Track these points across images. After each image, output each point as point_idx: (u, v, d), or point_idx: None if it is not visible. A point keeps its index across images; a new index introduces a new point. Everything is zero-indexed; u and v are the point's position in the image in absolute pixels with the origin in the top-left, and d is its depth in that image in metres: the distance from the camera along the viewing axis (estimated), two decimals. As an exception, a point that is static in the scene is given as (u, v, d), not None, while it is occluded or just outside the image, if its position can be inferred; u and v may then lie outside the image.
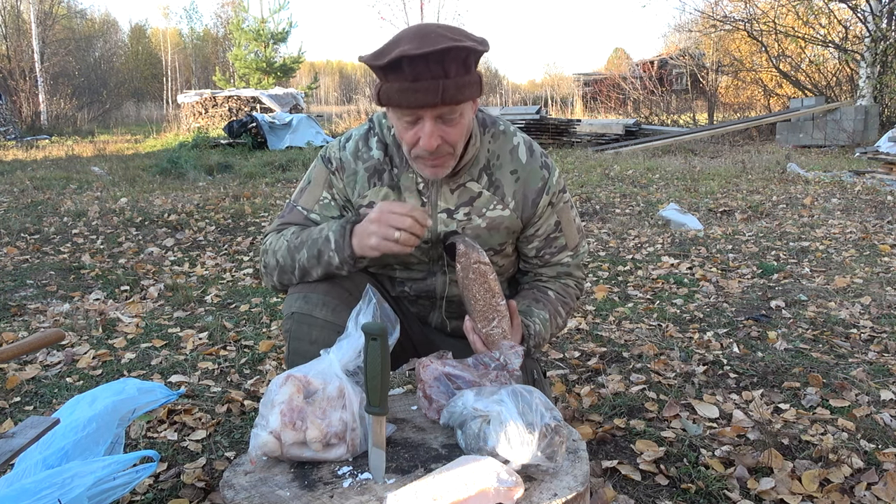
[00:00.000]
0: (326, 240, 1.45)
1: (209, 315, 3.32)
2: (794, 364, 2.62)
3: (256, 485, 1.13)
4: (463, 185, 1.53)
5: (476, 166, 1.53)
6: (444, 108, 1.33)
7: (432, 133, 1.35)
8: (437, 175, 1.45)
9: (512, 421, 1.11)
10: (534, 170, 1.55)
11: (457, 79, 1.31)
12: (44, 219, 5.67)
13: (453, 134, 1.38)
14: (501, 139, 1.56)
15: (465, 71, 1.33)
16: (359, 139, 1.57)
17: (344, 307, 1.46)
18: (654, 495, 1.78)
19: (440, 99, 1.30)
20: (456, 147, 1.42)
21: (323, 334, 1.47)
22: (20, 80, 20.82)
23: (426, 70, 1.29)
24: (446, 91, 1.30)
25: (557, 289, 1.65)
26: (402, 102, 1.33)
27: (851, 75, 14.50)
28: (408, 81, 1.30)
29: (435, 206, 1.53)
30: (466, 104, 1.38)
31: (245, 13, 23.53)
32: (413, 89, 1.30)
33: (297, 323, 1.49)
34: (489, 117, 1.59)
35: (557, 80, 29.85)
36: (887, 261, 4.17)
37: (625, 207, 6.23)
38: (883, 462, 1.91)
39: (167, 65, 33.90)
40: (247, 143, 12.58)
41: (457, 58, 1.30)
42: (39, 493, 1.34)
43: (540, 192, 1.55)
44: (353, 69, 52.97)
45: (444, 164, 1.44)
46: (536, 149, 1.59)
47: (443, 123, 1.36)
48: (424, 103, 1.31)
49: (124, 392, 1.67)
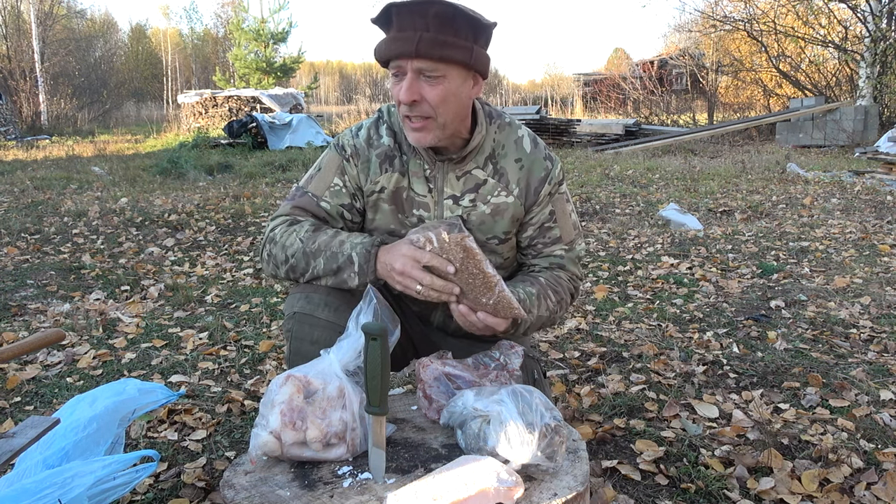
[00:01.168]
0: (349, 260, 1.44)
1: (209, 315, 3.32)
2: (793, 364, 2.62)
3: (256, 484, 1.13)
4: (469, 173, 1.55)
5: (482, 154, 1.55)
6: (423, 62, 1.36)
7: (410, 85, 1.38)
8: (420, 142, 1.46)
9: (512, 421, 1.11)
10: (538, 160, 1.58)
11: (437, 35, 1.34)
12: (44, 219, 5.67)
13: (432, 94, 1.39)
14: (507, 130, 1.59)
15: (451, 31, 1.36)
16: (370, 127, 1.60)
17: (346, 307, 1.45)
18: (654, 495, 1.78)
19: (415, 49, 1.34)
20: (437, 111, 1.41)
21: (325, 335, 1.46)
22: (20, 80, 20.83)
23: (409, 21, 1.35)
24: (421, 42, 1.34)
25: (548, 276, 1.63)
26: (384, 52, 1.39)
27: (851, 75, 14.50)
28: (394, 32, 1.37)
29: (441, 191, 1.55)
30: (452, 68, 1.39)
31: (245, 13, 23.53)
32: (394, 38, 1.37)
33: (298, 323, 1.49)
34: (495, 110, 1.61)
35: (557, 80, 29.87)
36: (887, 261, 4.17)
37: (625, 207, 6.24)
38: (882, 462, 1.91)
39: (167, 65, 33.92)
40: (247, 143, 12.58)
41: (441, 14, 1.34)
42: (39, 493, 1.34)
43: (542, 181, 1.57)
44: (353, 69, 53.00)
45: (427, 129, 1.44)
46: (540, 142, 1.62)
47: (424, 81, 1.39)
48: (401, 52, 1.36)
49: (125, 392, 1.67)
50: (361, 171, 1.58)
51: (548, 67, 64.06)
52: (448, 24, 1.35)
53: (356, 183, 1.58)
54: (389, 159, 1.56)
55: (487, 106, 1.60)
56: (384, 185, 1.56)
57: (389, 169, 1.56)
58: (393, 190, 1.57)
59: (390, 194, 1.57)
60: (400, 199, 1.57)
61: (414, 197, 1.56)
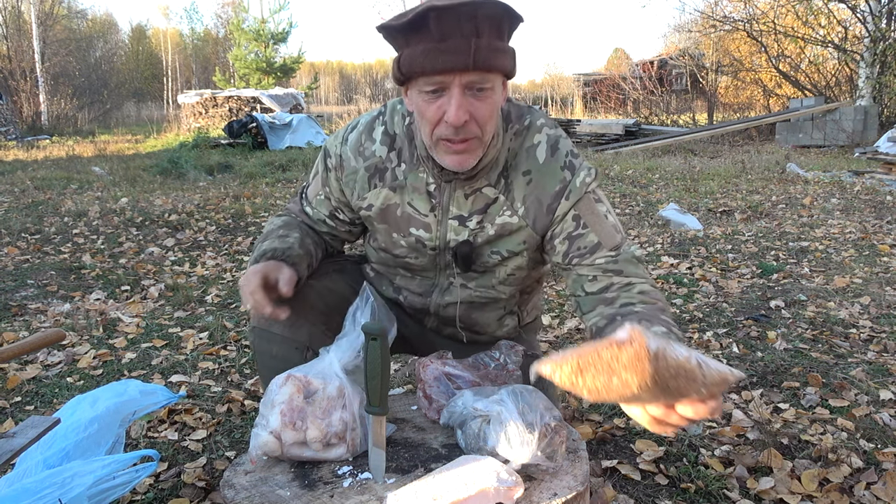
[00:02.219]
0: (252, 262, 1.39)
1: (209, 315, 3.32)
2: (793, 364, 2.62)
3: (257, 484, 1.13)
4: (479, 191, 1.35)
5: (495, 170, 1.35)
6: (474, 74, 1.16)
7: (460, 104, 1.16)
8: (463, 165, 1.26)
9: (512, 421, 1.11)
10: (551, 171, 1.34)
11: (490, 40, 1.15)
12: (44, 219, 5.67)
13: (483, 110, 1.20)
14: (523, 136, 1.37)
15: (497, 35, 1.17)
16: (363, 130, 1.42)
17: (302, 321, 1.38)
18: (654, 495, 1.78)
19: (471, 61, 1.13)
20: (485, 130, 1.23)
21: (282, 350, 1.40)
22: (21, 81, 20.82)
23: (456, 27, 1.12)
24: (478, 52, 1.13)
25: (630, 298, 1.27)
26: (427, 66, 1.15)
27: (851, 75, 14.49)
28: (434, 41, 1.13)
29: (446, 210, 1.37)
30: (498, 78, 1.21)
31: (245, 13, 23.55)
32: (440, 49, 1.13)
33: (257, 338, 1.42)
34: (515, 108, 1.39)
35: (557, 80, 29.82)
36: (886, 261, 4.17)
37: (625, 207, 6.24)
38: (882, 462, 1.91)
39: (167, 65, 33.92)
40: (247, 143, 12.58)
41: (490, 16, 1.14)
42: (40, 493, 1.34)
43: (557, 197, 1.34)
44: (353, 69, 53.02)
45: (471, 151, 1.24)
46: (562, 147, 1.38)
47: (471, 96, 1.18)
48: (454, 65, 1.14)
49: (126, 393, 1.67)
50: (346, 184, 1.43)
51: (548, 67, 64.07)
52: (497, 27, 1.17)
53: (339, 195, 1.47)
54: (380, 173, 1.39)
55: (509, 103, 1.38)
56: (372, 203, 1.41)
57: (379, 184, 1.40)
58: (382, 207, 1.41)
59: (379, 212, 1.42)
60: (391, 217, 1.41)
61: (412, 214, 1.39)
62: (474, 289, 1.49)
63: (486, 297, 1.50)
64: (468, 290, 1.49)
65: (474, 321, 1.56)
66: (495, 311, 1.55)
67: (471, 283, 1.49)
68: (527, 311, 1.67)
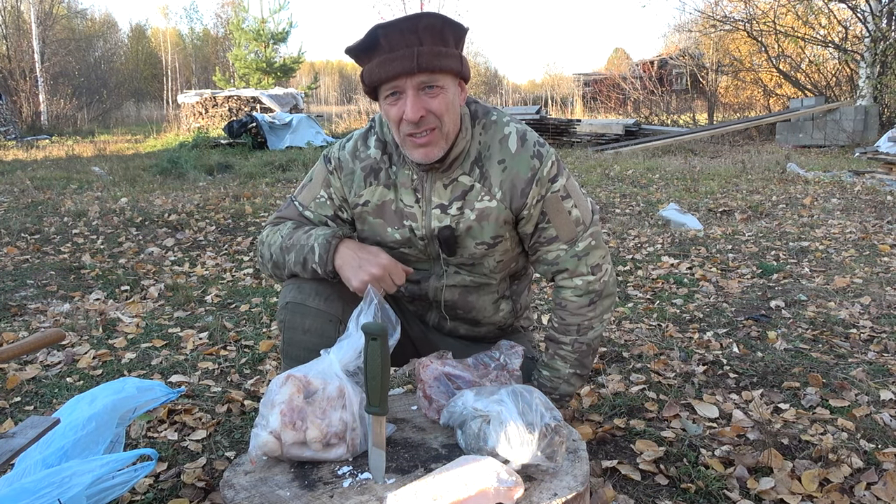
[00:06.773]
0: (311, 250, 1.49)
1: (209, 315, 3.32)
2: (793, 364, 2.62)
3: (256, 484, 1.13)
4: (455, 180, 1.53)
5: (468, 159, 1.53)
6: (422, 75, 1.36)
7: (414, 102, 1.37)
8: (428, 156, 1.44)
9: (512, 421, 1.11)
10: (523, 159, 1.51)
11: (432, 47, 1.36)
12: (44, 219, 5.67)
13: (436, 104, 1.39)
14: (492, 129, 1.54)
15: (441, 42, 1.37)
16: (358, 139, 1.60)
17: (336, 297, 1.51)
18: (654, 495, 1.78)
19: (416, 64, 1.34)
20: (443, 120, 1.41)
21: (316, 323, 1.51)
22: (20, 80, 20.83)
23: (401, 39, 1.35)
24: (421, 56, 1.34)
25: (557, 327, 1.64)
26: (382, 74, 1.37)
27: (851, 75, 14.51)
28: (385, 53, 1.36)
29: (429, 201, 1.54)
30: (447, 77, 1.40)
31: (245, 13, 23.50)
32: (390, 59, 1.35)
33: (290, 312, 1.53)
34: (481, 108, 1.57)
35: (557, 80, 29.84)
36: (887, 261, 4.17)
37: (625, 207, 6.24)
38: (882, 462, 1.91)
39: (167, 65, 33.90)
40: (247, 143, 12.58)
41: (429, 26, 1.35)
42: (39, 493, 1.34)
43: (529, 182, 1.51)
44: (353, 69, 52.92)
45: (434, 143, 1.43)
46: (530, 138, 1.54)
47: (424, 95, 1.39)
48: (401, 70, 1.35)
49: (124, 391, 1.67)
50: (345, 183, 1.59)
51: (548, 67, 64.03)
52: (438, 36, 1.37)
53: (341, 195, 1.60)
54: (374, 172, 1.56)
55: (475, 104, 1.57)
56: (368, 199, 1.57)
57: (374, 182, 1.56)
58: (378, 203, 1.57)
59: (375, 208, 1.57)
60: (387, 212, 1.57)
61: (403, 208, 1.56)
62: (467, 274, 1.64)
63: (478, 281, 1.65)
64: (461, 275, 1.64)
65: (471, 305, 1.68)
66: (489, 294, 1.69)
67: (463, 270, 1.63)
68: (521, 304, 1.79)
